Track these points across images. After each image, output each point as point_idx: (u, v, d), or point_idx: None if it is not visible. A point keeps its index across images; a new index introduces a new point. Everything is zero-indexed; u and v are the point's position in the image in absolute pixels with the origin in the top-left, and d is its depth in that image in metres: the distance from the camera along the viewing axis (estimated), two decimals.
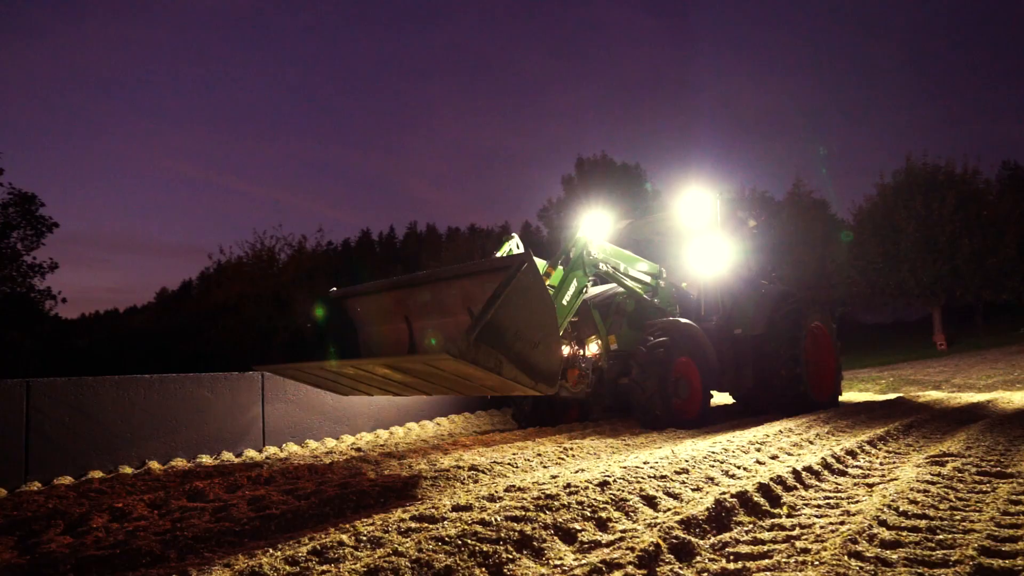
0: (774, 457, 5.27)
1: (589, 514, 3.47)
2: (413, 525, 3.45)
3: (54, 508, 4.78)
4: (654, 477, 4.23)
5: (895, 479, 4.29)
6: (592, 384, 7.80)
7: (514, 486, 4.30)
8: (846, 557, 2.65)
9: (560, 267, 7.33)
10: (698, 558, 2.89)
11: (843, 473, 4.77)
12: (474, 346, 4.25)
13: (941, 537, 3.00)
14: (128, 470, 6.53)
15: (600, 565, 2.70)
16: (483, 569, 2.81)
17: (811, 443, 5.95)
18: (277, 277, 29.00)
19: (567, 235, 7.79)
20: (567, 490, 3.79)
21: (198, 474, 6.06)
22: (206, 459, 7.12)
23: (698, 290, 9.35)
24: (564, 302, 6.64)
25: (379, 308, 6.32)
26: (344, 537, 3.23)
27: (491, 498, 3.92)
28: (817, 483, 4.40)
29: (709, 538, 3.16)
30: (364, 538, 3.25)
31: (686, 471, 4.50)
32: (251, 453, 7.46)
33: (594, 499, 3.65)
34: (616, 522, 3.45)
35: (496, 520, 3.21)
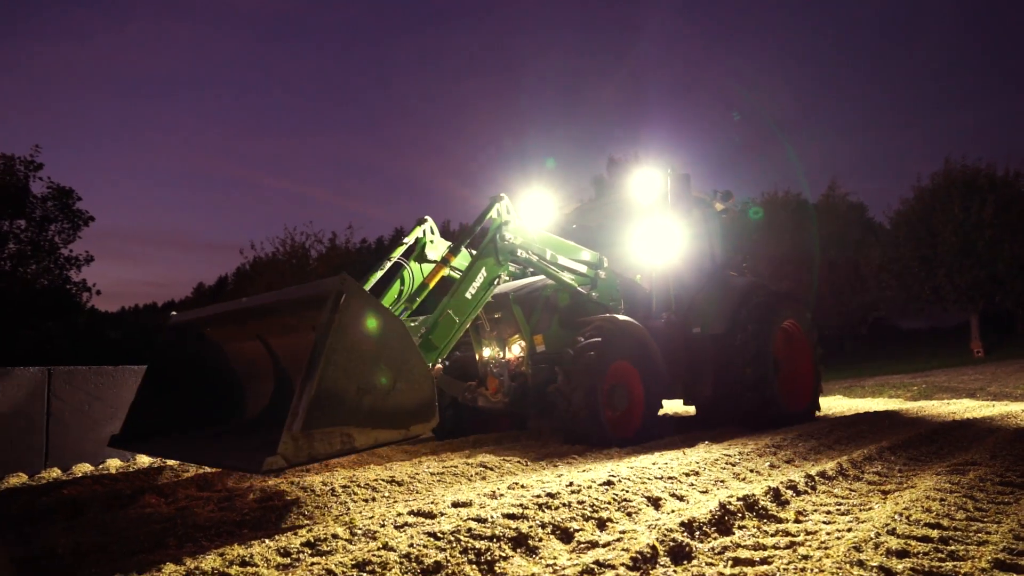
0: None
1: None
2: (411, 520, 3.42)
3: (67, 496, 4.84)
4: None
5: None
6: (512, 392, 6.59)
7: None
8: None
9: (466, 251, 6.46)
10: None
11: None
12: (304, 439, 3.39)
13: None
14: (146, 460, 6.61)
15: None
16: (474, 567, 2.77)
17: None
18: (309, 274, 29.26)
19: (482, 212, 6.42)
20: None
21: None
22: None
23: (650, 283, 8.07)
24: (468, 295, 5.66)
25: (230, 334, 5.17)
26: (340, 530, 3.21)
27: (492, 496, 3.88)
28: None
29: None
30: (359, 531, 3.22)
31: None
32: None
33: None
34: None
35: (493, 517, 3.16)
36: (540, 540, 3.05)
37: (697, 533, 3.12)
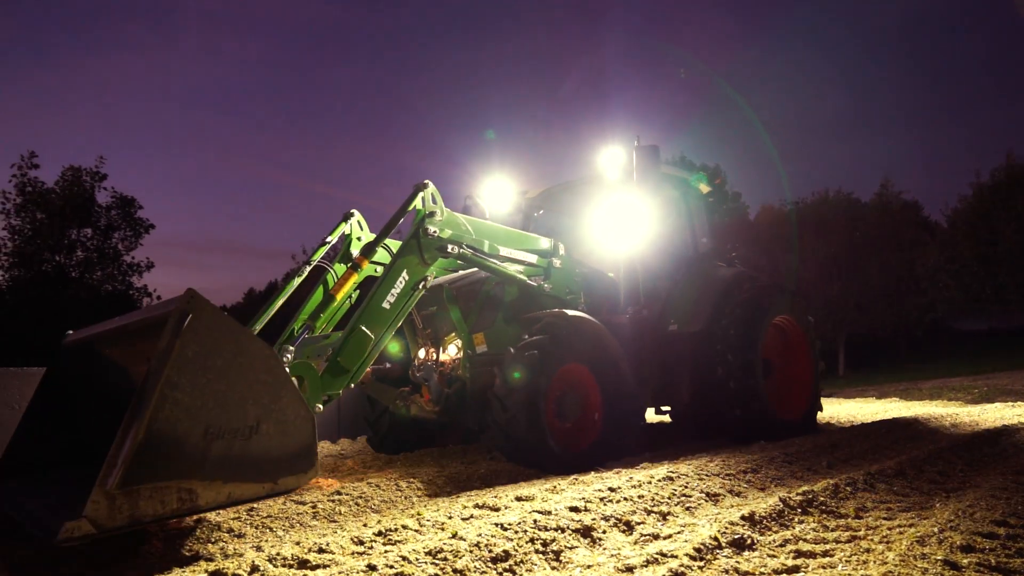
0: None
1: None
2: (476, 512, 3.54)
3: None
4: None
5: None
6: (444, 399, 5.76)
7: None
8: None
9: (383, 251, 5.57)
10: None
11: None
12: (124, 498, 2.74)
13: None
14: None
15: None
16: (541, 556, 2.87)
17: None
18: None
19: (403, 204, 5.37)
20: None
21: None
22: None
23: (618, 273, 7.02)
24: (386, 304, 4.79)
25: (125, 355, 4.30)
26: (409, 521, 3.35)
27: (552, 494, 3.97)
28: None
29: None
30: (428, 522, 3.36)
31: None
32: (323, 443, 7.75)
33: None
34: None
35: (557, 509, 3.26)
36: (604, 532, 3.14)
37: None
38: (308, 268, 5.80)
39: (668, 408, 7.33)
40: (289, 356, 4.09)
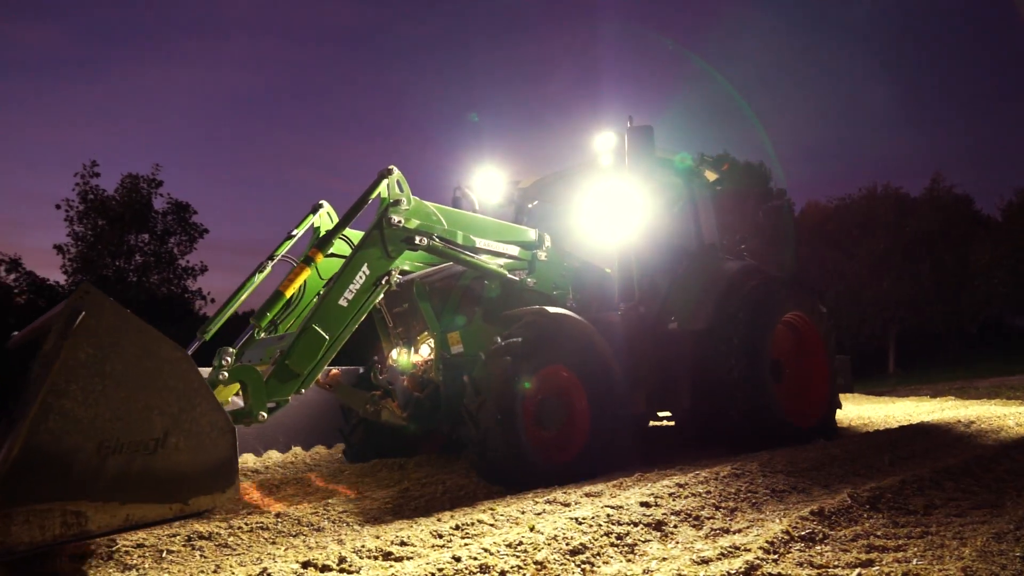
0: None
1: None
2: (548, 508, 3.66)
3: None
4: None
5: None
6: (413, 405, 5.37)
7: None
8: None
9: (343, 242, 5.15)
10: None
11: None
12: None
13: None
14: (277, 456, 7.10)
15: None
16: (616, 549, 2.97)
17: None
18: None
19: (365, 192, 4.94)
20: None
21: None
22: (321, 449, 7.31)
23: (613, 267, 6.52)
24: (343, 302, 4.43)
25: None
26: (484, 516, 3.48)
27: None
28: None
29: None
30: (502, 517, 3.48)
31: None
32: None
33: None
34: None
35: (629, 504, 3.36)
36: (675, 526, 3.23)
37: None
38: (271, 264, 5.24)
39: (667, 414, 6.67)
40: (229, 359, 3.83)
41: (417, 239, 4.81)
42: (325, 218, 5.45)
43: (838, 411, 6.94)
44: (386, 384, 5.56)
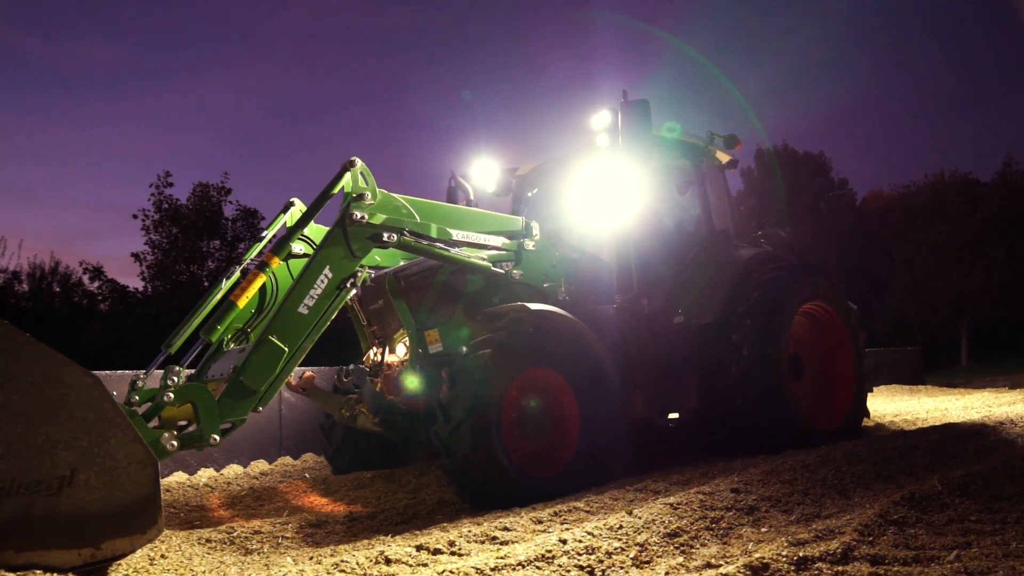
0: None
1: None
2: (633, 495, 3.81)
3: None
4: None
5: None
6: (383, 409, 4.93)
7: None
8: None
9: (303, 242, 4.75)
10: None
11: None
12: None
13: None
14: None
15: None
16: (711, 532, 3.11)
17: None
18: None
19: (327, 186, 4.58)
20: None
21: None
22: None
23: (612, 257, 5.95)
24: (303, 309, 4.08)
25: None
26: (580, 504, 3.65)
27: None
28: None
29: None
30: (596, 504, 3.65)
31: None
32: None
33: None
34: None
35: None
36: (766, 511, 3.34)
37: None
38: (239, 268, 4.87)
39: (674, 416, 6.01)
40: (175, 379, 3.63)
41: (385, 235, 4.44)
42: (297, 216, 4.83)
43: (889, 409, 6.74)
44: (351, 387, 5.02)
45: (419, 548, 3.15)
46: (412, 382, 4.90)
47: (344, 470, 5.74)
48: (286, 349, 3.96)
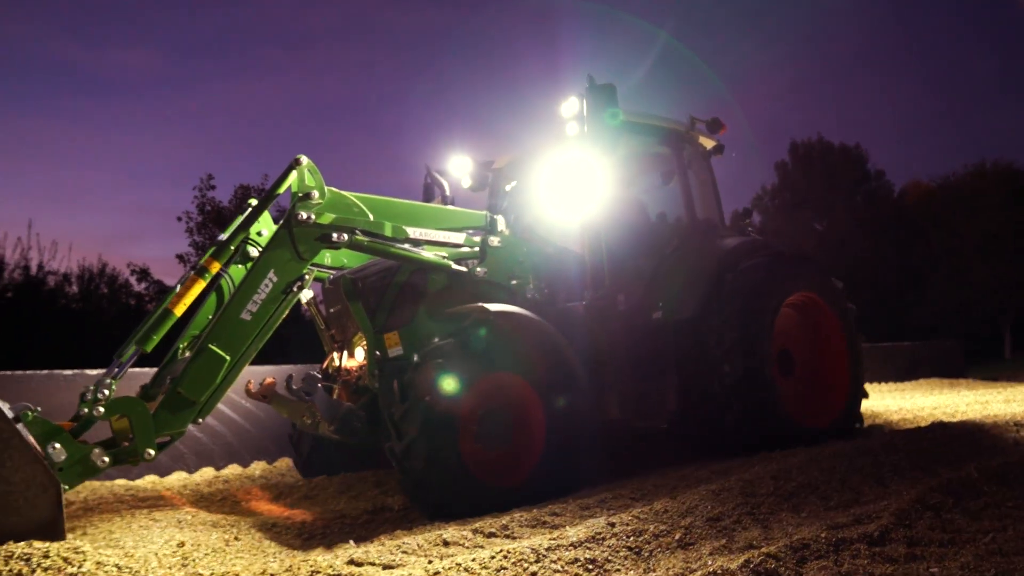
0: None
1: None
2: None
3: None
4: None
5: None
6: (338, 416, 4.54)
7: None
8: None
9: (248, 245, 4.57)
10: None
11: None
12: None
13: None
14: None
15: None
16: (751, 518, 3.26)
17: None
18: None
19: (273, 185, 4.39)
20: None
21: None
22: None
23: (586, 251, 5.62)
24: (246, 316, 3.93)
25: None
26: (626, 491, 3.82)
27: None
28: None
29: None
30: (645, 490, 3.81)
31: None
32: None
33: None
34: None
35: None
36: (803, 497, 3.48)
37: None
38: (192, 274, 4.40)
39: (644, 424, 5.62)
40: (106, 392, 3.46)
41: (334, 235, 4.27)
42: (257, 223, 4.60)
43: (928, 402, 6.42)
44: (301, 394, 4.68)
45: (475, 532, 3.35)
46: (370, 387, 4.67)
47: (311, 474, 5.59)
48: (228, 358, 3.82)
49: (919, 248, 31.62)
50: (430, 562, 2.83)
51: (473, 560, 2.68)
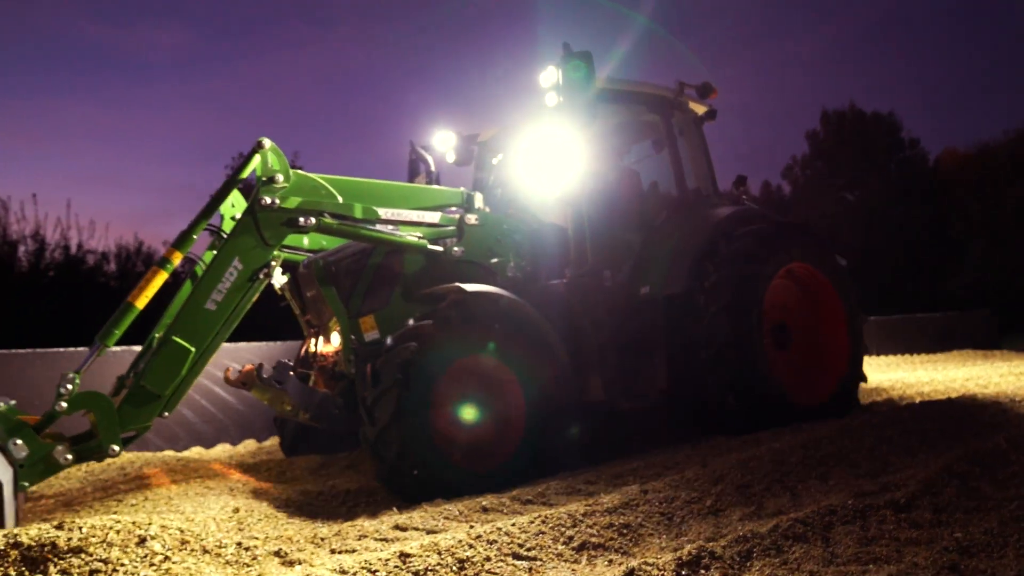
0: None
1: None
2: None
3: None
4: None
5: None
6: (313, 403, 4.64)
7: None
8: None
9: (209, 235, 4.46)
10: None
11: None
12: None
13: None
14: None
15: None
16: (781, 486, 3.36)
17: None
18: None
19: (235, 171, 4.32)
20: None
21: None
22: None
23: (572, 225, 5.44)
24: (210, 306, 3.88)
25: None
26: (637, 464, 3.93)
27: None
28: None
29: None
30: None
31: None
32: None
33: None
34: None
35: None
36: (832, 466, 3.57)
37: None
38: (169, 270, 4.15)
39: (631, 405, 5.28)
40: (69, 387, 3.39)
41: (301, 219, 4.20)
42: (227, 205, 4.51)
43: (961, 374, 6.18)
44: (272, 383, 4.56)
45: (513, 499, 3.50)
46: (347, 373, 4.59)
47: (294, 454, 5.57)
48: (192, 349, 3.76)
49: (955, 218, 31.02)
50: (471, 527, 2.99)
51: (513, 525, 2.82)
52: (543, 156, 5.55)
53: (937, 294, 27.26)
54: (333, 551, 2.89)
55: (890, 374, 9.79)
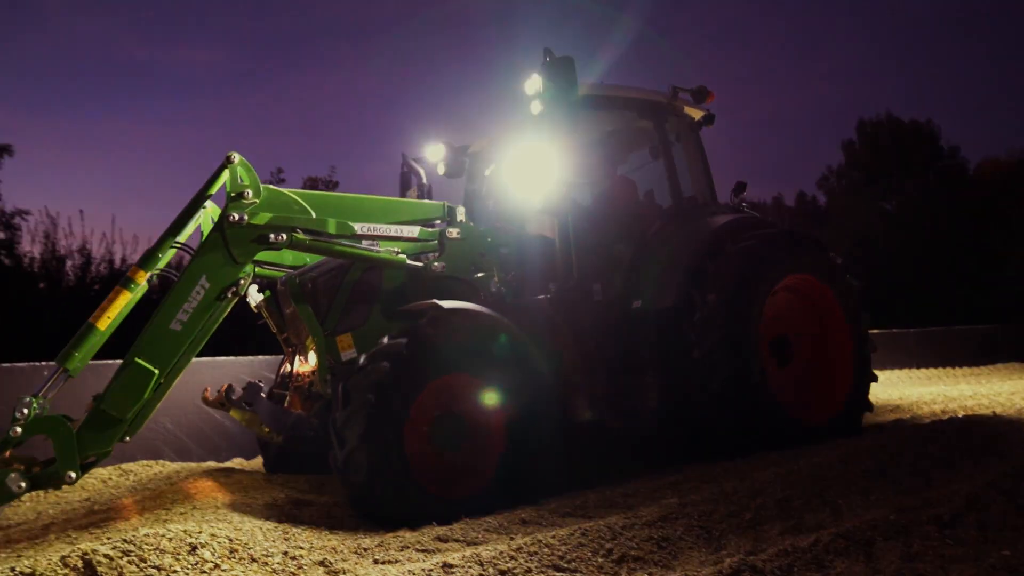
0: None
1: None
2: None
3: None
4: None
5: None
6: (285, 424, 4.54)
7: None
8: None
9: (179, 254, 4.28)
10: None
11: None
12: None
13: None
14: None
15: None
16: (820, 500, 3.34)
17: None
18: None
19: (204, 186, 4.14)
20: None
21: None
22: None
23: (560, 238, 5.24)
24: (175, 326, 3.73)
25: None
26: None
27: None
28: None
29: None
30: None
31: None
32: None
33: None
34: None
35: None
36: (873, 481, 3.54)
37: None
38: (136, 288, 3.94)
39: (621, 425, 5.16)
40: (25, 412, 3.30)
41: (272, 236, 4.03)
42: (208, 220, 4.25)
43: (1006, 387, 5.85)
44: (242, 404, 4.44)
45: (552, 512, 3.54)
46: (323, 394, 4.47)
47: (277, 471, 5.34)
48: (156, 371, 3.62)
49: (996, 227, 30.37)
50: (512, 539, 3.03)
51: (553, 537, 2.86)
52: (529, 166, 5.41)
53: (980, 306, 26.70)
54: (376, 561, 2.95)
55: (931, 387, 9.63)
